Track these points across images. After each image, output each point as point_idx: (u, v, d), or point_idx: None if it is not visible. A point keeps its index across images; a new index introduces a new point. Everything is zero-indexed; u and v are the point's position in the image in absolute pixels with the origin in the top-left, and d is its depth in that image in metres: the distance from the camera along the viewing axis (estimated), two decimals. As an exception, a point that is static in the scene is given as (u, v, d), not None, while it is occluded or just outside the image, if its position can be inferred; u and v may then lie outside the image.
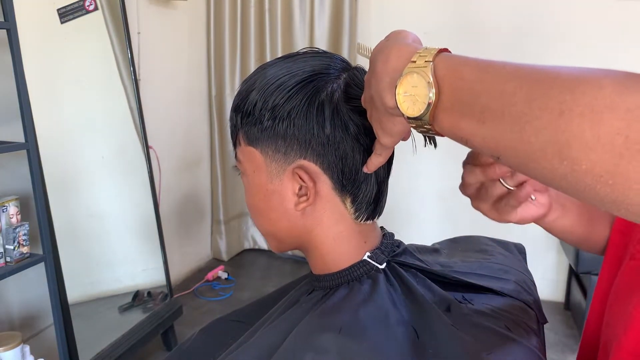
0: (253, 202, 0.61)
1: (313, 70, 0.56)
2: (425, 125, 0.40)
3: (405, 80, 0.40)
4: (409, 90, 0.40)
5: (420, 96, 0.39)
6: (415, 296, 0.56)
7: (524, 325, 0.57)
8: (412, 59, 0.40)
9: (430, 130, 0.41)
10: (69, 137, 1.94)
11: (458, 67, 0.38)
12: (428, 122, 0.40)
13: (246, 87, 0.58)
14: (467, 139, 0.38)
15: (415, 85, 0.39)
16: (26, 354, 1.50)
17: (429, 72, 0.39)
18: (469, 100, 0.37)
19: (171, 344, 2.21)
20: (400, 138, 0.49)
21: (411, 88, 0.39)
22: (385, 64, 0.42)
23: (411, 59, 0.40)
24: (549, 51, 2.50)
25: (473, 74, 0.37)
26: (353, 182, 0.57)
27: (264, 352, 0.53)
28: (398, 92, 0.41)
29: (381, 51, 0.44)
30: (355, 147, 0.55)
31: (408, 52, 0.41)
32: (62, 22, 1.85)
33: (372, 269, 0.59)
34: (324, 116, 0.54)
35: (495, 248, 0.74)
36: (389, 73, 0.42)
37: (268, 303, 0.72)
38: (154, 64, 2.50)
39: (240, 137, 0.59)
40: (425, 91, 0.39)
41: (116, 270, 2.15)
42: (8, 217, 1.49)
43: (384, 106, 0.43)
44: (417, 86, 0.39)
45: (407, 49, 0.42)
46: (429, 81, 0.39)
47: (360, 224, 0.59)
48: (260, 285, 2.93)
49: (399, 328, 0.51)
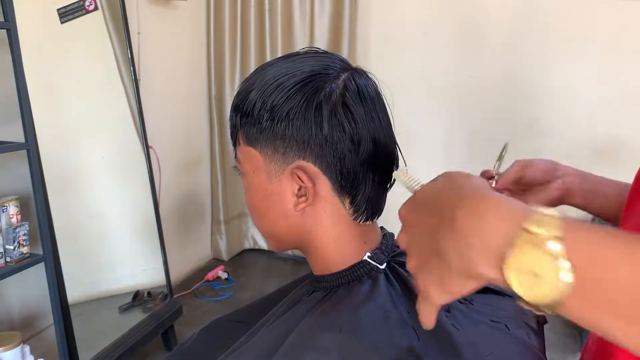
0: (253, 202, 0.61)
1: (312, 71, 0.56)
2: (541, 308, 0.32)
3: (521, 255, 0.31)
4: (525, 269, 0.31)
5: (549, 281, 0.30)
6: (415, 296, 0.56)
7: (525, 326, 0.57)
8: (525, 226, 0.31)
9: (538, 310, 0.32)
10: (69, 137, 1.94)
11: (598, 251, 0.30)
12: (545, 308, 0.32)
13: (245, 87, 0.58)
14: (605, 331, 0.31)
15: (537, 265, 0.30)
16: (26, 354, 1.50)
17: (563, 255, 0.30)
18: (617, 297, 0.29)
19: (171, 344, 2.21)
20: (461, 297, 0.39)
21: (530, 267, 0.31)
22: (477, 222, 0.34)
23: (523, 226, 0.31)
24: (549, 52, 2.50)
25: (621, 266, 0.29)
26: (352, 183, 0.57)
27: (265, 352, 0.53)
28: (509, 267, 0.31)
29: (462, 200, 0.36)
30: (353, 148, 0.55)
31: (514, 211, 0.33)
32: (62, 22, 1.85)
33: (372, 269, 0.59)
34: (322, 116, 0.54)
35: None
36: (486, 237, 0.33)
37: (268, 303, 0.72)
38: (154, 64, 2.50)
39: (239, 137, 0.59)
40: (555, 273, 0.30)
41: (116, 270, 2.15)
42: (8, 217, 1.49)
43: (470, 272, 0.34)
44: (541, 268, 0.30)
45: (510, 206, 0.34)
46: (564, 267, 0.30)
47: (359, 224, 0.59)
48: (261, 285, 2.93)
49: (399, 328, 0.51)
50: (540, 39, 2.51)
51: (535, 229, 0.31)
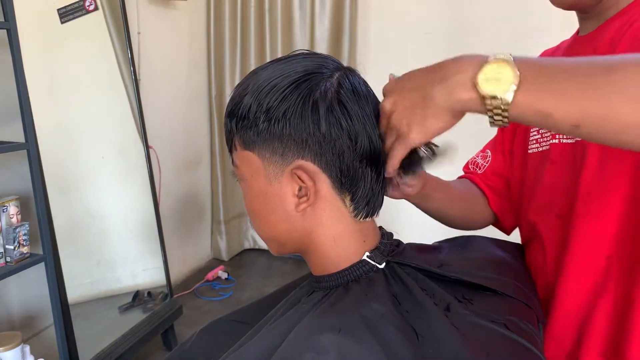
0: (253, 207, 0.61)
1: (306, 70, 0.56)
2: (502, 105, 0.46)
3: (488, 69, 0.47)
4: (491, 76, 0.46)
5: (506, 78, 0.46)
6: (414, 296, 0.56)
7: (524, 325, 0.57)
8: (488, 60, 0.47)
9: (502, 111, 0.47)
10: (69, 137, 1.94)
11: (534, 59, 0.48)
12: (507, 102, 0.46)
13: (239, 92, 0.58)
14: (549, 112, 0.45)
15: (499, 71, 0.46)
16: (26, 354, 1.50)
17: (511, 60, 0.46)
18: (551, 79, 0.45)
19: (171, 344, 2.21)
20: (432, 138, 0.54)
21: (495, 74, 0.46)
22: (458, 65, 0.49)
23: (487, 60, 0.47)
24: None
25: (549, 62, 0.47)
26: (351, 180, 0.57)
27: (264, 352, 0.53)
28: (479, 79, 0.47)
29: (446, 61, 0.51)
30: (350, 145, 0.55)
31: (482, 56, 0.49)
32: (62, 22, 1.85)
33: (371, 269, 0.59)
34: (319, 114, 0.54)
35: (495, 248, 0.74)
36: (466, 69, 0.48)
37: (269, 303, 0.72)
38: (154, 64, 2.50)
39: (235, 142, 0.59)
40: (511, 72, 0.45)
41: (116, 270, 2.15)
42: (8, 217, 1.49)
43: (452, 100, 0.49)
44: (501, 71, 0.46)
45: (479, 55, 0.49)
46: (513, 66, 0.46)
47: (359, 222, 0.60)
48: (261, 285, 2.93)
49: (398, 328, 0.51)
50: (540, 38, 2.51)
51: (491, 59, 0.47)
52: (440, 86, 0.49)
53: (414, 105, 0.52)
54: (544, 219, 0.72)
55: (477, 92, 0.47)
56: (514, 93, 0.45)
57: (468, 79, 0.48)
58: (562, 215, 0.69)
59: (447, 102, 0.49)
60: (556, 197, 0.70)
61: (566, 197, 0.68)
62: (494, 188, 0.84)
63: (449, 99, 0.49)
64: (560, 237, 0.69)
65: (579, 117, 0.44)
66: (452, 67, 0.50)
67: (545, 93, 0.45)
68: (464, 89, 0.48)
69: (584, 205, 0.65)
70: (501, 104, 0.46)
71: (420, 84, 0.52)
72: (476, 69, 0.47)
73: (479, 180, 0.85)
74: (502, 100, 0.46)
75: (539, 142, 0.74)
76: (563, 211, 0.68)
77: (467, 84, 0.48)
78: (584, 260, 0.65)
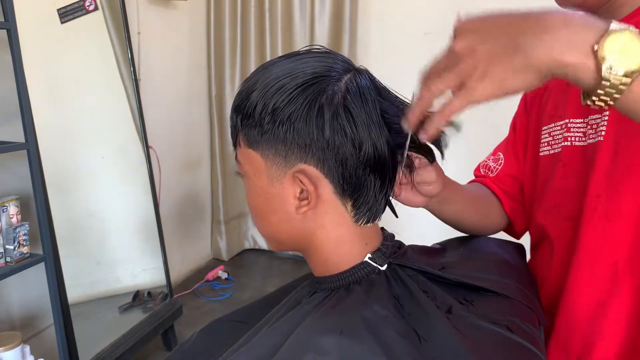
0: (254, 204, 0.61)
1: (314, 73, 0.55)
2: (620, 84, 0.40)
3: (618, 36, 0.40)
4: (624, 46, 0.40)
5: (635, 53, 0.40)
6: (416, 298, 0.56)
7: (526, 327, 0.57)
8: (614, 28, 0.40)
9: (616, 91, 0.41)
10: (69, 137, 1.94)
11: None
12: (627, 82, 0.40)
13: (247, 88, 0.58)
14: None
15: (632, 44, 0.40)
16: (26, 354, 1.50)
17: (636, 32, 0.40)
18: None
19: (171, 344, 2.21)
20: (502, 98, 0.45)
21: (627, 45, 0.40)
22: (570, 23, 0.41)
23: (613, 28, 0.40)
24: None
25: None
26: (354, 187, 0.56)
27: (265, 352, 0.53)
28: (606, 46, 0.40)
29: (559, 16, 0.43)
30: (354, 152, 0.55)
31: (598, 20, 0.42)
32: (62, 22, 1.85)
33: (373, 270, 0.59)
34: (324, 120, 0.53)
35: (496, 249, 0.74)
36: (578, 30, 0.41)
37: (269, 303, 0.72)
38: (154, 64, 2.50)
39: (240, 139, 0.59)
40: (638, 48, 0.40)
41: (116, 270, 2.15)
42: (8, 217, 1.49)
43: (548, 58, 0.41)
44: (634, 45, 0.40)
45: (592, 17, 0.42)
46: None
47: (361, 226, 0.59)
48: (261, 285, 2.93)
49: (400, 330, 0.51)
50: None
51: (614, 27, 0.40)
52: (541, 38, 0.41)
53: (499, 52, 0.43)
54: (554, 222, 0.72)
55: (596, 60, 0.40)
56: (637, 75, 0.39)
57: (586, 40, 0.40)
58: (572, 218, 0.68)
59: (544, 59, 0.41)
60: (567, 199, 0.69)
61: (577, 200, 0.67)
62: (508, 191, 0.83)
63: (549, 56, 0.41)
64: (570, 239, 0.68)
65: None
66: (561, 21, 0.42)
67: None
68: (576, 51, 0.41)
69: (593, 208, 0.64)
70: (619, 83, 0.40)
71: (512, 29, 0.43)
72: (598, 33, 0.40)
73: (492, 184, 0.84)
74: (622, 80, 0.40)
75: (551, 144, 0.73)
76: (573, 213, 0.68)
77: (583, 47, 0.40)
78: (594, 264, 0.65)
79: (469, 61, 0.44)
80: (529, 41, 0.42)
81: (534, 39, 0.42)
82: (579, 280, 0.66)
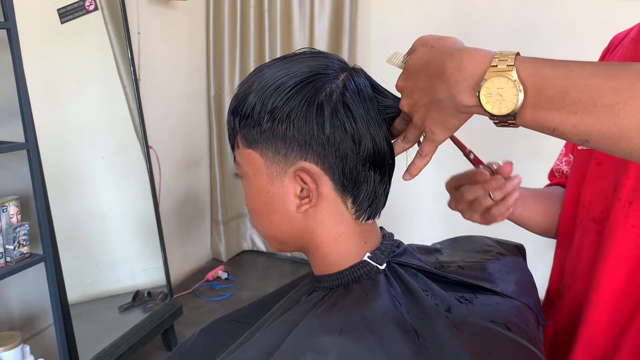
0: (254, 205, 0.61)
1: (311, 71, 0.55)
2: (508, 120, 0.45)
3: (489, 84, 0.44)
4: (494, 92, 0.44)
5: (508, 96, 0.44)
6: (415, 297, 0.56)
7: (524, 326, 0.57)
8: (492, 64, 0.45)
9: (510, 124, 0.46)
10: (69, 137, 1.94)
11: (539, 68, 0.44)
12: (511, 117, 0.45)
13: (244, 90, 0.58)
14: (554, 127, 0.43)
15: (501, 87, 0.44)
16: (26, 354, 1.50)
17: (514, 75, 0.44)
18: (556, 96, 0.42)
19: (171, 344, 2.21)
20: (456, 130, 0.54)
21: (496, 89, 0.44)
22: (459, 70, 0.46)
23: (491, 64, 0.45)
24: (551, 51, 2.49)
25: (555, 72, 0.43)
26: (354, 183, 0.57)
27: (264, 352, 0.53)
28: (482, 94, 0.45)
29: (447, 57, 0.48)
30: (354, 148, 0.55)
31: (484, 57, 0.46)
32: (62, 22, 1.85)
33: (372, 269, 0.59)
34: (324, 117, 0.54)
35: (496, 248, 0.74)
36: (467, 77, 0.46)
37: (268, 303, 0.72)
38: (154, 64, 2.50)
39: (238, 140, 0.59)
40: (513, 92, 0.44)
41: (116, 270, 2.15)
42: (8, 217, 1.49)
43: (457, 105, 0.48)
44: (503, 88, 0.44)
45: (481, 53, 0.47)
46: (516, 83, 0.43)
47: (360, 224, 0.59)
48: (260, 285, 2.93)
49: (399, 329, 0.51)
50: (540, 38, 2.51)
51: (496, 62, 0.45)
52: (444, 89, 0.48)
53: (429, 108, 0.51)
54: (582, 221, 0.71)
55: (480, 104, 0.46)
56: (518, 110, 0.44)
57: (469, 87, 0.46)
58: (598, 220, 0.67)
59: (455, 107, 0.48)
60: (596, 200, 0.68)
61: (605, 202, 0.66)
62: None
63: (455, 103, 0.48)
64: (595, 242, 0.67)
65: (587, 134, 0.42)
66: (453, 67, 0.47)
67: (551, 109, 0.43)
68: (468, 96, 0.46)
69: (626, 214, 0.63)
70: (507, 119, 0.46)
71: (427, 85, 0.50)
72: (477, 77, 0.45)
73: None
74: (507, 118, 0.45)
75: None
76: (601, 216, 0.67)
77: (469, 92, 0.46)
78: (619, 269, 0.64)
79: (417, 116, 0.53)
80: (440, 94, 0.48)
81: (442, 92, 0.48)
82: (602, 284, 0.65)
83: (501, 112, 0.45)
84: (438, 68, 0.48)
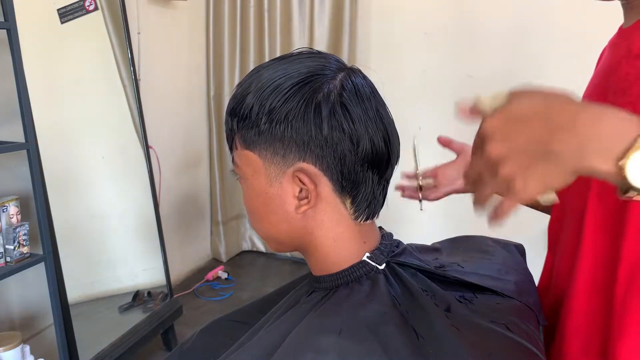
0: (252, 206, 0.61)
1: (309, 71, 0.55)
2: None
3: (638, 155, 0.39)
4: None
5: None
6: (415, 296, 0.56)
7: (524, 326, 0.57)
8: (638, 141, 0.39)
9: None
10: (69, 137, 1.94)
11: None
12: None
13: (241, 91, 0.58)
14: None
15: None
16: (26, 354, 1.50)
17: None
18: None
19: (171, 344, 2.21)
20: None
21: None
22: (597, 126, 0.41)
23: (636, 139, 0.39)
24: (550, 51, 2.50)
25: None
26: (352, 183, 0.56)
27: (264, 352, 0.53)
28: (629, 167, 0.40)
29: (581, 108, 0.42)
30: (352, 148, 0.55)
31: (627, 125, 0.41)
32: (62, 22, 1.85)
33: (371, 269, 0.59)
34: (321, 117, 0.54)
35: (496, 248, 0.74)
36: (605, 138, 0.41)
37: (268, 303, 0.72)
38: (154, 64, 2.50)
39: (236, 141, 0.59)
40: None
41: (116, 270, 2.15)
42: (8, 217, 1.49)
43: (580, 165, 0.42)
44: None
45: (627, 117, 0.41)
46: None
47: (359, 224, 0.59)
48: (260, 285, 2.93)
49: (399, 328, 0.51)
50: (540, 38, 2.51)
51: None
52: (572, 143, 0.41)
53: (533, 159, 0.43)
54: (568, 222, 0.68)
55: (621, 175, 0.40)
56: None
57: (612, 151, 0.40)
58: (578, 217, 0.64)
59: (577, 166, 0.42)
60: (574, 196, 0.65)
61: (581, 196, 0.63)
62: None
63: (580, 164, 0.41)
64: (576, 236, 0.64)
65: None
66: (589, 128, 0.41)
67: None
68: (604, 162, 0.40)
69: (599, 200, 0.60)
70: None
71: (543, 136, 0.43)
72: (622, 147, 0.40)
73: None
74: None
75: None
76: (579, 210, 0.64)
77: (610, 157, 0.40)
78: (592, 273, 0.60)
79: (509, 169, 0.45)
80: (563, 148, 0.42)
81: (566, 148, 0.42)
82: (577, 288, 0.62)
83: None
84: (567, 118, 0.42)
